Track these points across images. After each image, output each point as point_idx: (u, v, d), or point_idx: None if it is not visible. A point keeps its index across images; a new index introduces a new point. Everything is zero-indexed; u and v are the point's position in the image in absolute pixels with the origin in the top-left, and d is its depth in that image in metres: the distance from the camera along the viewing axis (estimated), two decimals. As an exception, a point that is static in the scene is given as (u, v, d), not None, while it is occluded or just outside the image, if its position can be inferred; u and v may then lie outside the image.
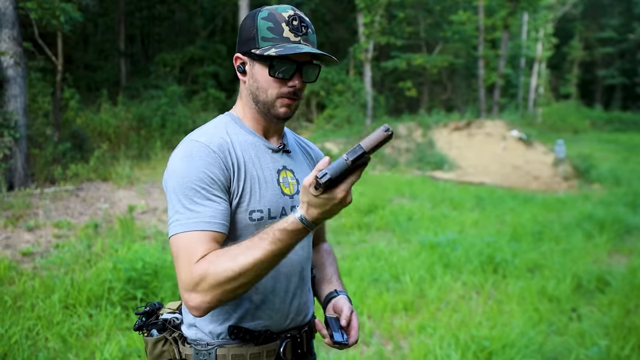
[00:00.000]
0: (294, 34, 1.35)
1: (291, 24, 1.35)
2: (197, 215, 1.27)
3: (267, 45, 1.34)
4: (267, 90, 1.38)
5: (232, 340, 1.39)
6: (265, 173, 1.42)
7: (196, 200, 1.28)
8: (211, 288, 1.21)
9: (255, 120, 1.46)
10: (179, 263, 1.26)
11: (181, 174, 1.30)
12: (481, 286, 4.95)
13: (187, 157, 1.32)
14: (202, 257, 1.24)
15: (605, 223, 7.22)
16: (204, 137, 1.37)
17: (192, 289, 1.23)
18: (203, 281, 1.21)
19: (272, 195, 1.41)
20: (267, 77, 1.37)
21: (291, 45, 1.33)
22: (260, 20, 1.36)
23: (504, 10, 21.40)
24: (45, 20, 9.54)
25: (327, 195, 1.14)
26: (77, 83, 15.19)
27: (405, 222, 7.37)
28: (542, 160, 13.36)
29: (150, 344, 1.47)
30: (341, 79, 20.36)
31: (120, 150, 10.88)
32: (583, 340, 3.83)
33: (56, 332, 3.59)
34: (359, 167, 1.14)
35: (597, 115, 32.96)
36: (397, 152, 14.37)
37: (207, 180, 1.30)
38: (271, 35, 1.34)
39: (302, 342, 1.51)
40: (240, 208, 1.36)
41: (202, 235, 1.26)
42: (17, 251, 5.24)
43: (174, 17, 24.62)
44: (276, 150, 1.47)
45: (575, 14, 38.28)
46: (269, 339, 1.42)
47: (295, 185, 1.48)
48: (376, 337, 3.92)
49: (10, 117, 7.45)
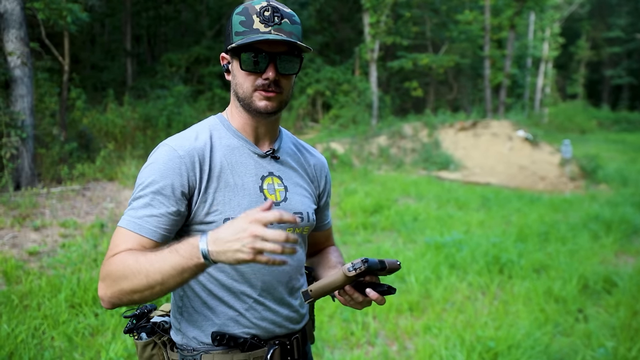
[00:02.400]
0: (264, 24, 1.32)
1: (262, 14, 1.32)
2: (136, 215, 1.30)
3: (238, 39, 1.33)
4: (243, 85, 1.36)
5: (215, 346, 1.38)
6: (243, 179, 1.39)
7: (142, 202, 1.31)
8: (112, 283, 1.23)
9: (243, 121, 1.43)
10: (107, 253, 1.30)
11: (143, 173, 1.34)
12: (487, 287, 4.93)
13: (152, 160, 1.35)
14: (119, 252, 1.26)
15: (612, 224, 7.18)
16: (176, 141, 1.37)
17: (101, 279, 1.26)
18: (107, 273, 1.24)
19: (251, 203, 1.37)
20: (240, 71, 1.35)
21: (258, 35, 1.30)
22: (234, 15, 1.36)
23: (510, 10, 21.32)
24: (52, 20, 9.59)
25: (244, 223, 1.08)
26: (83, 83, 15.27)
27: (410, 223, 7.36)
28: (548, 160, 13.30)
29: (140, 347, 1.47)
30: (347, 78, 20.35)
31: (127, 150, 10.91)
32: (589, 342, 3.81)
33: (62, 331, 3.60)
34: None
35: (604, 116, 32.81)
36: (403, 152, 14.35)
37: (160, 186, 1.31)
38: (242, 29, 1.33)
39: (292, 349, 1.47)
40: (214, 215, 1.34)
41: (131, 236, 1.29)
42: (23, 250, 5.26)
43: (180, 17, 24.69)
44: (263, 156, 1.44)
45: (582, 14, 38.08)
46: (255, 345, 1.39)
47: (282, 192, 1.44)
48: (381, 338, 3.91)
49: (17, 117, 7.49)
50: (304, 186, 1.52)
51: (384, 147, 14.39)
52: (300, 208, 1.47)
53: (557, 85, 37.40)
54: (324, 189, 1.61)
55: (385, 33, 19.63)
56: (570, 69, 39.79)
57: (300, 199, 1.48)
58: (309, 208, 1.50)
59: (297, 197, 1.47)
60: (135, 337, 1.48)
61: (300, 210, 1.46)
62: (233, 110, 1.45)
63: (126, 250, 1.26)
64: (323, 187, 1.60)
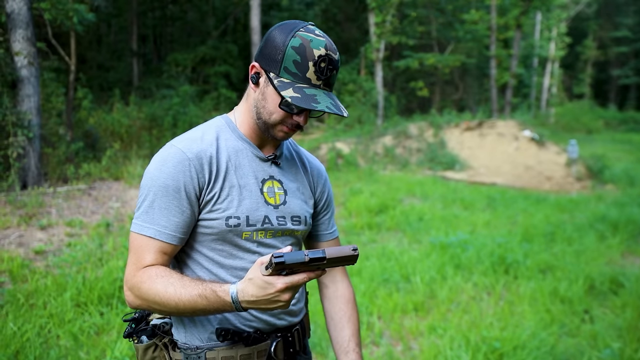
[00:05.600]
0: (317, 76, 1.30)
1: (318, 65, 1.30)
2: (152, 220, 1.32)
3: (287, 78, 1.30)
4: (272, 114, 1.36)
5: (220, 342, 1.38)
6: (246, 181, 1.41)
7: (155, 206, 1.32)
8: (141, 299, 1.31)
9: (252, 129, 1.44)
10: (129, 258, 1.35)
11: (151, 176, 1.34)
12: (492, 287, 4.91)
13: (160, 162, 1.35)
14: (149, 265, 1.32)
15: (618, 224, 7.14)
16: (184, 142, 1.38)
17: (129, 288, 1.33)
18: (137, 289, 1.31)
19: (252, 203, 1.40)
20: (276, 104, 1.35)
21: (310, 90, 1.30)
22: (289, 48, 1.29)
23: (516, 10, 21.26)
24: (58, 20, 9.63)
25: (270, 280, 1.15)
26: (90, 83, 15.34)
27: (416, 223, 7.34)
28: (554, 160, 13.25)
29: (141, 351, 1.46)
30: (352, 78, 20.35)
31: (132, 149, 10.95)
32: (596, 343, 3.79)
33: (68, 330, 3.62)
34: (312, 270, 1.15)
35: (611, 115, 32.66)
36: (409, 152, 14.32)
37: (172, 189, 1.32)
38: (294, 70, 1.30)
39: (293, 341, 1.50)
40: (217, 213, 1.36)
41: (150, 243, 1.33)
42: (30, 249, 5.29)
43: (186, 17, 24.75)
44: (265, 160, 1.46)
45: (589, 13, 37.90)
46: (258, 339, 1.40)
47: (282, 195, 1.47)
48: (386, 338, 3.91)
49: (24, 117, 7.52)
50: (303, 191, 1.55)
51: (390, 147, 14.37)
52: (298, 212, 1.50)
53: (564, 85, 37.26)
54: (322, 195, 1.63)
55: (391, 33, 19.60)
56: (576, 68, 39.63)
57: (299, 202, 1.51)
58: (307, 212, 1.53)
59: (295, 200, 1.50)
60: (136, 340, 1.47)
61: (299, 214, 1.50)
62: (244, 116, 1.45)
63: (152, 264, 1.32)
64: (320, 193, 1.63)
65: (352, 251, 1.13)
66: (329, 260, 1.12)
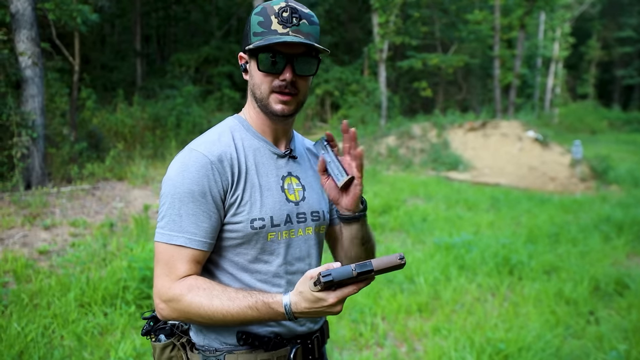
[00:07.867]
0: (282, 25, 1.31)
1: (280, 15, 1.31)
2: (180, 228, 1.29)
3: (256, 40, 1.32)
4: (260, 86, 1.36)
5: (240, 346, 1.37)
6: (267, 180, 1.40)
7: (182, 213, 1.30)
8: (180, 311, 1.28)
9: (262, 122, 1.43)
10: (158, 270, 1.31)
11: (174, 182, 1.31)
12: (497, 288, 4.89)
13: (182, 167, 1.32)
14: (184, 276, 1.29)
15: (623, 225, 7.11)
16: (204, 145, 1.36)
17: (164, 301, 1.30)
18: (176, 302, 1.28)
19: (275, 203, 1.39)
20: (258, 72, 1.35)
21: (276, 37, 1.30)
22: (253, 15, 1.35)
23: (520, 10, 21.20)
24: (62, 21, 9.65)
25: (321, 295, 1.16)
26: (93, 83, 15.35)
27: (419, 223, 7.33)
28: (558, 161, 13.21)
29: (158, 350, 1.45)
30: (356, 79, 20.34)
31: (136, 149, 10.96)
32: (601, 344, 3.77)
33: (71, 330, 3.62)
34: (362, 281, 1.17)
35: (615, 116, 32.54)
36: (412, 152, 14.30)
37: (198, 194, 1.30)
38: (260, 30, 1.32)
39: (313, 348, 1.47)
40: (241, 216, 1.34)
41: (182, 252, 1.29)
42: (34, 249, 5.29)
43: (190, 18, 24.78)
44: (282, 156, 1.45)
45: (593, 13, 37.79)
46: (278, 344, 1.39)
47: (301, 191, 1.46)
48: (390, 339, 3.90)
49: (28, 117, 7.54)
50: (318, 185, 1.53)
51: (393, 147, 14.35)
52: (317, 207, 1.49)
53: (568, 85, 37.16)
54: None
55: (395, 33, 19.59)
56: (580, 69, 39.50)
57: (317, 197, 1.50)
58: (325, 207, 1.53)
59: (314, 195, 1.49)
60: (153, 339, 1.46)
61: (317, 210, 1.49)
62: (251, 112, 1.45)
63: (187, 274, 1.29)
64: None
65: (399, 260, 1.14)
66: (377, 271, 1.14)
